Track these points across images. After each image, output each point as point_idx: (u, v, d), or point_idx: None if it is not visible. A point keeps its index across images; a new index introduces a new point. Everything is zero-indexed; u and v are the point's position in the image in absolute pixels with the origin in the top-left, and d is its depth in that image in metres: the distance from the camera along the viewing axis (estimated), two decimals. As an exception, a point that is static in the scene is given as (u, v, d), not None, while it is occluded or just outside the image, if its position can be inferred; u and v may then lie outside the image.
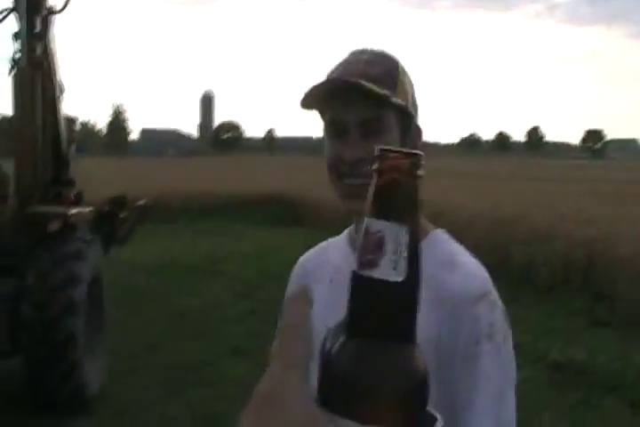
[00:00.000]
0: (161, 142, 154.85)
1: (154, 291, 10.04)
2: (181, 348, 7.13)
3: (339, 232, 1.65)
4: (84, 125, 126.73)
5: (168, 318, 8.36)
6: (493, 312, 1.30)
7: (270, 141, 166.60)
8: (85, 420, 5.43)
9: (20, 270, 5.53)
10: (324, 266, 1.52)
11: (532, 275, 10.26)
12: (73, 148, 7.16)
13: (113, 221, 7.15)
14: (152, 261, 12.24)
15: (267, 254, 13.31)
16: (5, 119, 8.36)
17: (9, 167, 6.18)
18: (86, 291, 5.60)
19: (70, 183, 6.71)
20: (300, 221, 18.77)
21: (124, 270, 10.47)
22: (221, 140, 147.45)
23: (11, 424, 4.54)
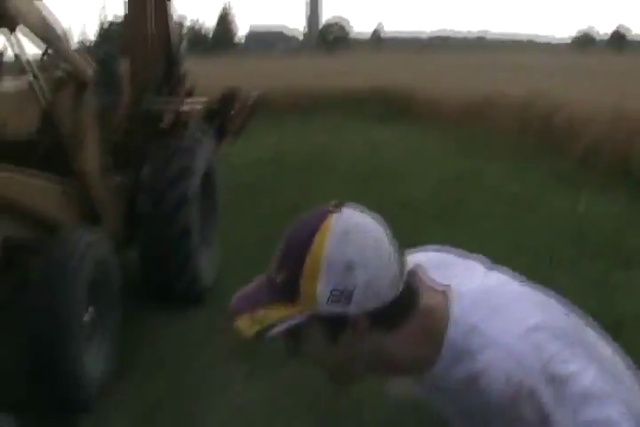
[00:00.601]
0: (267, 41, 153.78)
1: (265, 186, 10.10)
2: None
3: (452, 126, 1.56)
4: (193, 25, 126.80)
5: (280, 213, 8.38)
6: (535, 396, 1.23)
7: (378, 39, 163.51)
8: (200, 310, 5.59)
9: (134, 165, 5.62)
10: None
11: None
12: (183, 45, 7.12)
13: (225, 116, 7.15)
14: (263, 157, 12.30)
15: (378, 150, 13.17)
16: (120, 20, 8.49)
17: (124, 65, 6.24)
18: (199, 184, 5.66)
19: (182, 79, 6.72)
20: (411, 115, 18.50)
21: (235, 166, 10.55)
22: (328, 37, 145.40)
23: (126, 314, 4.70)
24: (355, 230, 1.23)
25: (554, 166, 11.43)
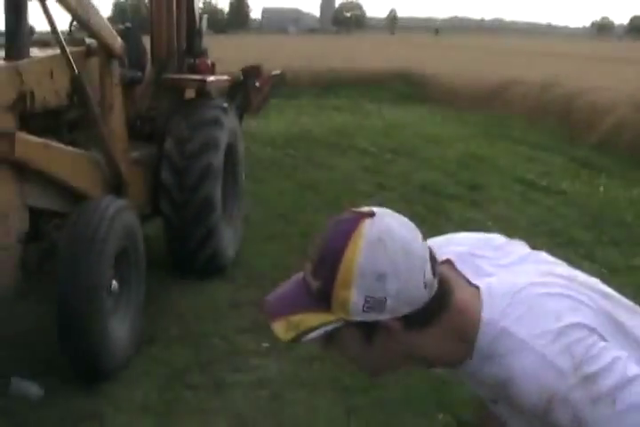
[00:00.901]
0: (282, 21, 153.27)
1: (283, 163, 10.13)
2: (311, 219, 7.16)
3: (470, 109, 1.56)
4: (207, 4, 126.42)
5: (298, 189, 8.42)
6: (568, 403, 1.22)
7: (392, 21, 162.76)
8: (222, 283, 5.61)
9: (159, 137, 5.63)
10: None
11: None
12: (205, 20, 7.12)
13: (247, 91, 7.15)
14: (281, 135, 12.30)
15: (395, 131, 13.17)
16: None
17: (144, 40, 6.25)
18: (223, 157, 5.67)
19: (204, 54, 6.71)
20: (426, 98, 18.48)
21: (254, 142, 10.57)
22: (343, 18, 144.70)
23: (151, 286, 4.72)
24: (387, 238, 1.24)
25: (572, 151, 11.39)
